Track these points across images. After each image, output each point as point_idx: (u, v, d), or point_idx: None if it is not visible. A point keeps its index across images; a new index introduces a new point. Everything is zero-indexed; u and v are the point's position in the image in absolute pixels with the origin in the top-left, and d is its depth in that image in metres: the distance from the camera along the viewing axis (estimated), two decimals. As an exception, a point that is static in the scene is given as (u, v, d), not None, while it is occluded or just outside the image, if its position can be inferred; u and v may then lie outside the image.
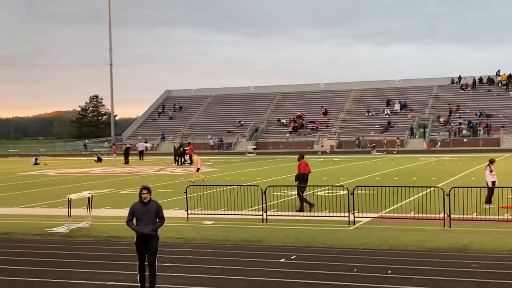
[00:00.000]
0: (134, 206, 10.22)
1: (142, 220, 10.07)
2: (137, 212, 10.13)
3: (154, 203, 10.28)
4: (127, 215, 10.29)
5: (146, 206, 10.14)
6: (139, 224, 10.08)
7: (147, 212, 10.12)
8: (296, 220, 17.65)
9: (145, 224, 10.06)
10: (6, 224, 18.50)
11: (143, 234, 10.05)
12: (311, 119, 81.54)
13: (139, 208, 10.14)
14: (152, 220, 10.13)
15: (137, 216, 10.13)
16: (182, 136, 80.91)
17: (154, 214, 10.17)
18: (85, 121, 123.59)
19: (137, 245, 10.20)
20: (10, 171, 44.90)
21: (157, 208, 10.23)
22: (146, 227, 10.06)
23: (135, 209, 10.17)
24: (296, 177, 20.41)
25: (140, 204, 10.17)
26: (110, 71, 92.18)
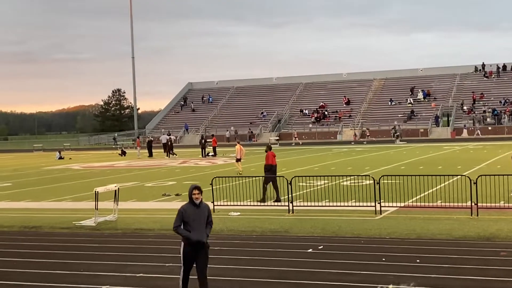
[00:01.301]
0: (184, 209, 8.95)
1: (194, 225, 8.83)
2: (188, 216, 8.86)
3: (205, 205, 9.07)
4: (175, 220, 8.99)
5: (198, 209, 8.92)
6: (191, 230, 8.84)
7: (199, 215, 8.91)
8: (322, 210, 17.62)
9: (198, 229, 8.85)
10: (34, 218, 18.72)
11: (199, 242, 8.84)
12: (333, 109, 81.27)
13: (191, 211, 8.88)
14: (204, 225, 8.97)
15: (187, 221, 8.85)
16: (205, 129, 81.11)
17: (206, 218, 9.02)
18: (108, 115, 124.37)
19: (186, 254, 8.98)
20: (36, 166, 45.39)
21: (208, 211, 9.06)
22: (201, 234, 8.86)
23: (186, 213, 8.89)
24: (264, 168, 20.79)
25: (191, 207, 8.93)
26: (132, 65, 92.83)
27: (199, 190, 8.93)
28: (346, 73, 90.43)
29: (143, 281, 10.67)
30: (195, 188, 8.94)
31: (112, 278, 10.94)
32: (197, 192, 8.89)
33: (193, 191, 8.91)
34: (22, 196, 24.85)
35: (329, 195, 19.48)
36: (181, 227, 8.90)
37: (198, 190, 8.92)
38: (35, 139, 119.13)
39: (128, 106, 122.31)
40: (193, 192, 8.90)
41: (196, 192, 8.89)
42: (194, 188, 8.95)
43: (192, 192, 8.91)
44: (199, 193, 8.91)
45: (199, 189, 8.95)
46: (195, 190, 8.91)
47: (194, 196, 8.89)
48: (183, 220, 8.89)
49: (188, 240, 8.85)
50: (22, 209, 20.94)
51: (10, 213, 20.04)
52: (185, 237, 8.87)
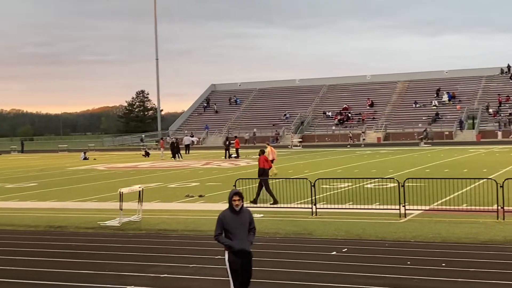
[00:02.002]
0: (224, 216, 8.41)
1: (236, 234, 8.31)
2: (229, 224, 8.32)
3: (247, 211, 8.52)
4: (215, 228, 8.44)
5: (239, 216, 8.37)
6: (233, 239, 8.33)
7: (240, 222, 8.37)
8: (346, 212, 17.54)
9: (240, 238, 8.33)
10: (60, 218, 18.89)
11: (242, 251, 8.35)
12: (357, 112, 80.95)
13: (231, 219, 8.34)
14: (246, 232, 8.43)
15: (228, 229, 8.33)
16: (227, 130, 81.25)
17: (248, 225, 8.46)
18: (132, 116, 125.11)
19: (232, 264, 8.43)
20: (61, 166, 45.82)
21: (250, 217, 8.50)
22: (244, 242, 8.34)
23: (226, 220, 8.36)
24: (258, 172, 20.86)
25: (231, 214, 8.38)
26: (156, 66, 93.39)
27: (239, 196, 8.38)
28: (370, 75, 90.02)
29: (167, 282, 10.70)
30: (235, 194, 8.39)
31: (137, 279, 11.00)
32: (237, 198, 8.33)
33: (233, 197, 8.37)
34: (47, 196, 25.10)
35: (353, 197, 19.40)
36: (223, 235, 8.39)
37: (238, 196, 8.37)
38: (60, 140, 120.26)
39: (152, 108, 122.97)
40: (233, 198, 8.35)
41: (237, 199, 8.34)
42: (234, 194, 8.39)
43: (232, 198, 8.36)
44: (240, 199, 8.36)
45: (240, 195, 8.40)
46: (235, 196, 8.36)
47: (234, 203, 8.33)
48: (224, 228, 8.35)
49: (230, 249, 8.35)
50: (47, 209, 21.14)
51: (36, 213, 20.25)
52: (227, 247, 8.37)
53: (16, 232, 16.69)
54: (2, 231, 17.02)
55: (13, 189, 28.90)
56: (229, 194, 8.43)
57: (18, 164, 50.67)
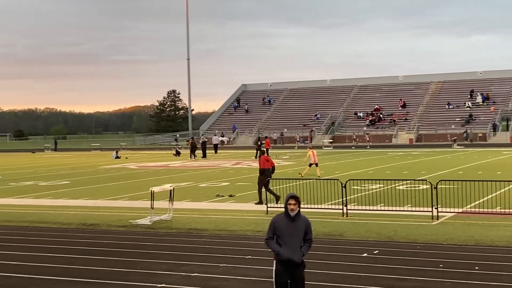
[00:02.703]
0: (277, 220, 7.73)
1: (287, 241, 7.61)
2: (281, 230, 7.64)
3: (303, 218, 7.73)
4: (267, 233, 7.83)
5: (293, 222, 7.65)
6: (283, 246, 7.61)
7: (294, 230, 7.63)
8: (377, 214, 17.41)
9: (291, 246, 7.61)
10: (92, 216, 19.09)
11: (289, 261, 7.61)
12: (388, 112, 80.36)
13: (284, 225, 7.64)
14: (299, 242, 7.67)
15: (280, 235, 7.64)
16: (258, 130, 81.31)
17: (302, 234, 7.70)
18: (163, 116, 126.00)
19: (278, 277, 7.73)
20: (93, 165, 46.31)
21: (306, 226, 7.71)
22: (294, 252, 7.62)
23: (278, 226, 7.66)
24: (259, 172, 20.98)
25: (285, 219, 7.66)
26: (188, 66, 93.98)
27: (296, 200, 7.61)
28: (402, 75, 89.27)
29: (198, 281, 10.73)
30: (291, 198, 7.63)
31: (168, 277, 11.05)
32: (293, 203, 7.58)
33: (289, 200, 7.62)
34: (80, 194, 25.38)
35: (384, 199, 19.24)
36: (274, 240, 7.71)
37: (295, 200, 7.60)
38: (92, 139, 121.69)
39: (183, 107, 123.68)
40: (289, 202, 7.60)
41: (293, 203, 7.58)
42: (290, 198, 7.64)
43: (288, 202, 7.62)
44: (296, 203, 7.59)
45: (297, 199, 7.63)
46: (291, 199, 7.61)
47: (290, 207, 7.59)
48: (275, 233, 7.68)
49: (278, 257, 7.66)
50: (80, 207, 21.38)
51: (68, 211, 20.50)
52: (275, 253, 7.69)
53: (50, 230, 16.91)
54: (35, 228, 17.26)
55: (46, 187, 29.31)
56: (286, 197, 7.73)
57: (52, 162, 51.36)
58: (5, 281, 11.17)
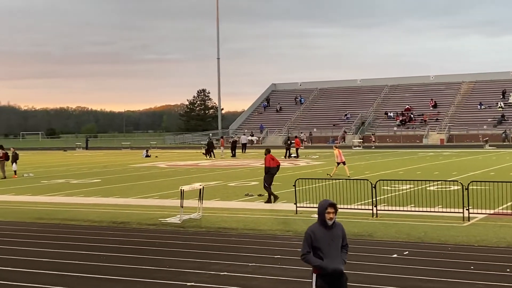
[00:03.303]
0: (313, 232, 7.16)
1: (328, 252, 7.09)
2: (319, 241, 7.09)
3: (339, 225, 7.30)
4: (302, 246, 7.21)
5: (330, 231, 7.17)
6: (324, 258, 7.08)
7: (332, 239, 7.17)
8: (407, 215, 17.27)
9: (333, 256, 7.12)
10: (123, 214, 19.26)
11: (335, 272, 7.12)
12: (419, 112, 79.63)
13: (322, 234, 7.12)
14: (339, 250, 7.23)
15: (318, 246, 7.10)
16: (287, 130, 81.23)
17: (341, 241, 7.27)
18: (193, 115, 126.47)
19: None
20: (124, 163, 46.73)
21: (342, 232, 7.31)
22: (337, 261, 7.14)
23: (316, 237, 7.12)
24: (264, 170, 21.39)
25: (321, 228, 7.15)
26: (218, 65, 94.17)
27: (334, 208, 7.15)
28: (433, 75, 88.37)
29: (227, 280, 10.76)
30: (330, 206, 7.15)
31: (197, 276, 11.10)
32: (332, 211, 7.12)
33: (327, 208, 7.12)
34: (110, 192, 25.63)
35: (415, 199, 19.06)
36: (311, 254, 7.15)
37: (333, 208, 7.14)
38: (123, 137, 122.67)
39: (213, 106, 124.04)
40: (328, 210, 7.12)
41: (331, 211, 7.12)
42: (329, 205, 7.15)
43: (327, 210, 7.12)
44: (334, 211, 7.15)
45: (335, 206, 7.18)
46: (330, 207, 7.13)
47: (328, 216, 7.11)
48: (313, 245, 7.13)
49: (321, 270, 7.10)
50: (110, 205, 21.59)
51: (99, 209, 20.71)
52: (317, 267, 7.13)
53: (81, 227, 17.11)
54: (67, 226, 17.48)
55: (77, 185, 29.65)
56: (320, 205, 7.22)
57: (83, 161, 51.95)
58: (36, 278, 11.33)
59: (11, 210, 20.84)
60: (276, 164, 21.42)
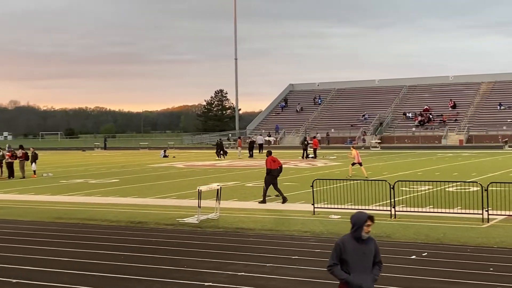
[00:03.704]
0: (343, 243, 6.68)
1: (357, 266, 6.64)
2: (349, 254, 6.63)
3: (372, 240, 6.81)
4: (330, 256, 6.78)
5: (362, 245, 6.68)
6: (352, 272, 6.65)
7: (363, 253, 6.69)
8: (426, 216, 17.15)
9: (363, 272, 6.67)
10: (140, 214, 19.34)
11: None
12: (438, 113, 79.10)
13: (353, 248, 6.64)
14: (370, 266, 6.75)
15: (347, 259, 6.64)
16: (305, 130, 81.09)
17: (373, 256, 6.79)
18: (210, 115, 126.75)
19: None
20: (142, 163, 46.92)
21: (375, 247, 6.84)
22: (366, 278, 6.69)
23: (346, 249, 6.64)
24: (266, 172, 21.56)
25: (353, 242, 6.66)
26: (235, 66, 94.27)
27: (373, 221, 6.67)
28: (452, 75, 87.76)
29: (244, 280, 10.75)
30: (370, 219, 6.66)
31: (214, 276, 11.11)
32: (370, 223, 6.65)
33: (366, 221, 6.64)
34: (128, 192, 25.74)
35: (433, 201, 18.94)
36: (338, 267, 6.72)
37: (372, 221, 6.66)
38: (141, 137, 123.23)
39: (230, 107, 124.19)
40: (367, 223, 6.64)
41: (370, 223, 6.65)
42: (368, 218, 6.66)
43: (366, 223, 6.63)
44: (371, 224, 6.68)
45: (373, 219, 6.68)
46: (370, 220, 6.66)
47: (367, 229, 6.64)
48: (341, 257, 6.67)
49: (348, 285, 6.68)
50: (128, 205, 21.68)
51: (117, 208, 20.81)
52: (343, 282, 6.69)
53: (99, 227, 17.20)
54: (85, 225, 17.58)
55: (96, 184, 29.82)
56: (357, 217, 6.71)
57: (101, 160, 52.24)
58: (56, 277, 11.40)
59: (31, 210, 21.02)
60: (278, 165, 21.44)
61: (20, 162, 34.80)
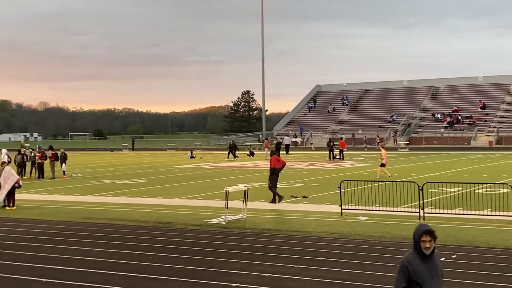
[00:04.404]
0: (409, 262, 6.01)
1: (427, 285, 5.98)
2: (418, 274, 5.96)
3: (437, 254, 6.15)
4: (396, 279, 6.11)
5: (429, 262, 6.03)
6: None
7: (431, 270, 6.03)
8: (455, 218, 16.96)
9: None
10: (168, 214, 19.44)
11: None
12: (467, 114, 78.21)
13: (421, 267, 5.97)
14: (439, 284, 6.11)
15: (417, 280, 5.96)
16: (332, 131, 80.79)
17: (441, 274, 6.15)
18: (237, 116, 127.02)
19: None
20: (169, 164, 47.17)
21: (439, 262, 6.21)
22: None
23: (413, 269, 5.98)
24: (269, 171, 22.24)
25: (417, 259, 5.99)
26: (262, 67, 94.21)
27: (431, 235, 5.97)
28: (482, 76, 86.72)
29: (272, 281, 10.74)
30: (425, 233, 5.97)
31: (241, 277, 11.12)
32: (428, 239, 5.94)
33: (422, 236, 5.97)
34: (156, 193, 25.89)
35: (463, 202, 18.74)
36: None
37: (430, 235, 5.96)
38: (168, 138, 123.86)
39: (257, 108, 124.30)
40: (422, 238, 5.96)
41: (428, 239, 5.94)
42: (424, 233, 5.97)
43: (421, 238, 5.97)
44: (432, 240, 5.96)
45: (432, 234, 5.98)
46: (425, 235, 5.96)
47: (424, 245, 5.95)
48: (410, 279, 6.00)
49: None
50: (156, 205, 21.81)
51: (145, 209, 20.94)
52: None
53: (127, 227, 17.32)
54: (113, 225, 17.73)
55: (124, 185, 30.05)
56: (415, 231, 6.07)
57: (129, 161, 52.64)
58: (85, 277, 11.51)
59: (61, 210, 21.26)
60: (281, 164, 22.33)
61: (50, 162, 35.24)
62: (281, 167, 22.28)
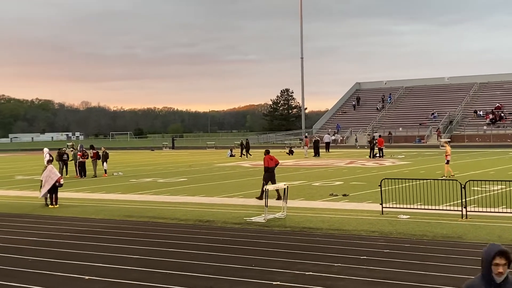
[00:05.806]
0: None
1: None
2: None
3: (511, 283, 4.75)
4: None
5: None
6: None
7: None
8: (499, 216, 16.65)
9: None
10: (208, 213, 19.52)
11: None
12: (511, 111, 76.74)
13: None
14: None
15: None
16: (372, 129, 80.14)
17: None
18: (276, 114, 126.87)
19: None
20: (209, 162, 47.39)
21: None
22: None
23: None
24: (264, 170, 22.69)
25: (484, 285, 4.78)
26: (301, 65, 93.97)
27: (506, 258, 4.70)
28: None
29: (312, 280, 10.69)
30: (499, 255, 4.70)
31: (282, 275, 11.09)
32: (503, 262, 4.69)
33: (494, 258, 4.70)
34: (196, 191, 26.03)
35: (507, 200, 18.36)
36: None
37: (505, 258, 4.69)
38: (207, 137, 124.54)
39: (296, 106, 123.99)
40: (496, 260, 4.70)
41: (502, 262, 4.69)
42: (498, 254, 4.71)
43: (493, 261, 4.71)
44: (506, 263, 4.69)
45: (507, 255, 4.70)
46: (499, 257, 4.70)
47: (497, 269, 4.70)
48: None
49: None
50: (196, 204, 21.92)
51: (185, 207, 21.06)
52: None
53: (168, 225, 17.45)
54: (154, 223, 17.87)
55: (164, 183, 30.29)
56: (485, 252, 4.80)
57: (169, 160, 53.06)
58: (126, 274, 11.61)
59: (103, 208, 21.54)
60: (275, 163, 22.70)
61: (92, 161, 35.76)
62: (274, 165, 22.65)
